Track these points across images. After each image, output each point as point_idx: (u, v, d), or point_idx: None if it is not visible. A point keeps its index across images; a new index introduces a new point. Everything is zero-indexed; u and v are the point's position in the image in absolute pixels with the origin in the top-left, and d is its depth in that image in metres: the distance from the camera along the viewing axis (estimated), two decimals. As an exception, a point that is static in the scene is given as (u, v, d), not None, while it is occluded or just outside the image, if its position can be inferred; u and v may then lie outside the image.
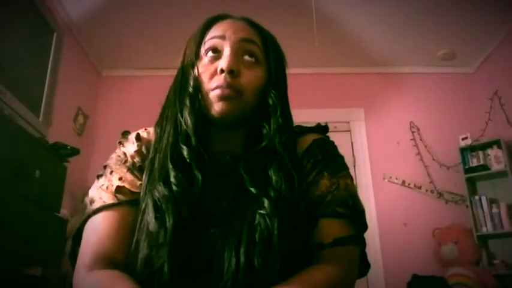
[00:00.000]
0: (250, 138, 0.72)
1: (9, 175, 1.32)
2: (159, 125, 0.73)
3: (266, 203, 0.62)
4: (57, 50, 1.99)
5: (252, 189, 0.65)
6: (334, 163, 0.73)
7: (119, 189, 0.69)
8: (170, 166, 0.65)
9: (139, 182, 0.70)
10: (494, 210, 2.94)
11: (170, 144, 0.68)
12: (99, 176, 0.74)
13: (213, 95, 0.68)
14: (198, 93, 0.69)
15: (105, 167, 0.75)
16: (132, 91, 3.44)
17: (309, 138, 0.76)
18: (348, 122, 3.48)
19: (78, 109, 3.05)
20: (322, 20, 2.84)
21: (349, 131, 3.45)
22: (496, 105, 3.18)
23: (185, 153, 0.66)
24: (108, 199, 0.68)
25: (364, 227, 0.70)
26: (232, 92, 0.67)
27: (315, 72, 3.56)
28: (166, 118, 0.72)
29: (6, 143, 1.36)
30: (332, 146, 0.77)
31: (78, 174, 2.80)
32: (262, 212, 0.62)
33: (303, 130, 0.79)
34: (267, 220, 0.61)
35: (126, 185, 0.70)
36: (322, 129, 0.81)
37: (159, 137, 0.72)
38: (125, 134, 0.80)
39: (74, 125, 2.99)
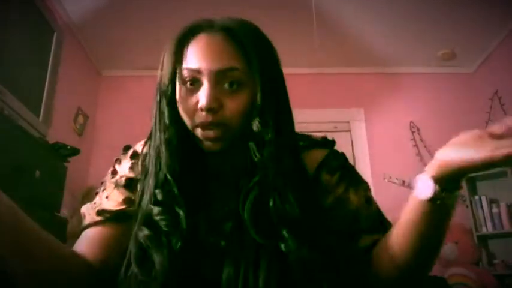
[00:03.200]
0: (246, 167, 0.69)
1: (9, 175, 1.32)
2: (148, 143, 0.73)
3: (284, 244, 0.61)
4: (57, 50, 1.99)
5: (258, 239, 0.61)
6: (355, 177, 0.75)
7: (101, 210, 0.72)
8: (152, 207, 0.65)
9: (122, 197, 0.72)
10: (494, 210, 2.94)
11: (154, 174, 0.67)
12: (96, 193, 0.77)
13: (198, 134, 0.65)
14: (180, 123, 0.66)
15: (102, 183, 0.78)
16: (132, 91, 3.44)
17: (319, 154, 0.74)
18: (348, 122, 3.48)
19: (78, 109, 3.05)
20: (322, 20, 2.84)
21: (349, 131, 3.45)
22: (496, 105, 3.18)
23: (159, 196, 0.65)
24: (93, 218, 0.72)
25: None
26: (218, 129, 0.64)
27: (315, 72, 3.56)
28: (152, 142, 0.71)
29: (6, 143, 1.36)
30: (345, 158, 0.77)
31: (78, 174, 2.80)
32: (284, 248, 0.60)
33: (312, 144, 0.76)
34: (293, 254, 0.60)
35: (109, 205, 0.72)
36: (330, 143, 0.78)
37: (148, 157, 0.71)
38: (126, 149, 0.80)
39: (74, 125, 2.99)
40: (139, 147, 0.78)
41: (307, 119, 2.91)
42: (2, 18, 1.61)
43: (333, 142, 0.78)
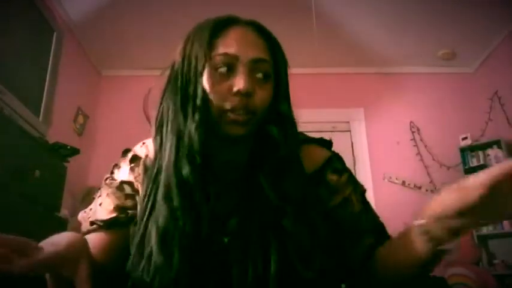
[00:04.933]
0: (256, 145, 0.72)
1: (9, 175, 1.32)
2: (159, 134, 0.70)
3: (288, 221, 0.63)
4: (57, 50, 1.99)
5: (273, 198, 0.65)
6: (356, 180, 0.77)
7: (93, 221, 0.73)
8: (175, 191, 0.64)
9: (112, 205, 0.73)
10: (494, 210, 2.93)
11: (173, 163, 0.65)
12: (93, 198, 0.78)
13: (228, 118, 0.66)
14: (208, 107, 0.66)
15: (100, 188, 0.78)
16: (132, 91, 3.43)
17: (320, 152, 0.77)
18: (348, 122, 3.48)
19: (78, 109, 3.05)
20: (322, 20, 2.84)
21: (349, 131, 3.45)
22: (496, 105, 3.18)
23: (186, 171, 0.64)
24: (87, 227, 0.73)
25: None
26: (248, 115, 0.66)
27: (315, 72, 3.56)
28: (167, 128, 0.69)
29: (6, 143, 1.36)
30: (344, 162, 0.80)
31: (78, 174, 2.80)
32: (288, 225, 0.63)
33: (310, 139, 0.80)
34: (296, 234, 0.63)
35: (101, 214, 0.73)
36: (327, 143, 0.81)
37: (159, 150, 0.70)
38: (125, 152, 0.80)
39: (74, 125, 2.99)
40: (138, 149, 0.78)
41: (307, 119, 2.88)
42: (2, 18, 1.61)
43: (331, 142, 0.81)
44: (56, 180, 1.68)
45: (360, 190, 0.76)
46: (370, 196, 3.47)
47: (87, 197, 2.66)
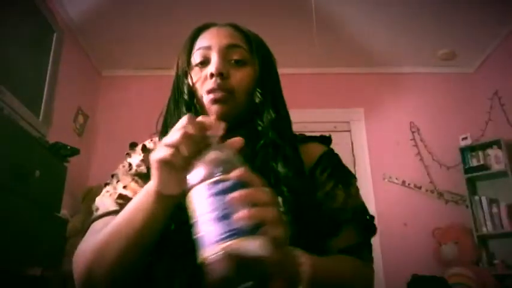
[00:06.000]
0: (253, 139, 0.74)
1: (9, 175, 1.32)
2: (162, 133, 0.76)
3: (281, 200, 0.65)
4: (57, 50, 1.99)
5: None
6: (345, 174, 0.79)
7: (120, 196, 0.71)
8: None
9: (140, 190, 0.72)
10: (494, 210, 2.94)
11: None
12: (106, 184, 0.77)
13: (207, 99, 0.72)
14: (193, 99, 0.74)
15: (112, 176, 0.78)
16: (132, 91, 3.44)
17: (317, 149, 0.80)
18: (348, 122, 3.48)
19: (78, 109, 3.05)
20: (322, 20, 2.84)
21: (349, 131, 3.45)
22: (496, 105, 3.18)
23: None
24: (111, 206, 0.70)
25: (375, 231, 0.76)
26: (225, 93, 0.71)
27: (315, 72, 3.56)
28: (168, 126, 0.75)
29: (6, 143, 1.36)
30: (339, 158, 0.82)
31: (78, 174, 2.80)
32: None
33: (307, 138, 0.82)
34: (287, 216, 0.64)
35: (129, 193, 0.72)
36: (326, 140, 0.84)
37: None
38: (133, 145, 0.83)
39: (74, 125, 2.99)
40: (147, 143, 0.81)
41: (307, 119, 2.91)
42: (2, 18, 1.61)
43: (329, 138, 0.84)
44: (56, 180, 1.68)
45: (354, 184, 0.77)
46: (370, 196, 3.45)
47: (87, 197, 2.66)
